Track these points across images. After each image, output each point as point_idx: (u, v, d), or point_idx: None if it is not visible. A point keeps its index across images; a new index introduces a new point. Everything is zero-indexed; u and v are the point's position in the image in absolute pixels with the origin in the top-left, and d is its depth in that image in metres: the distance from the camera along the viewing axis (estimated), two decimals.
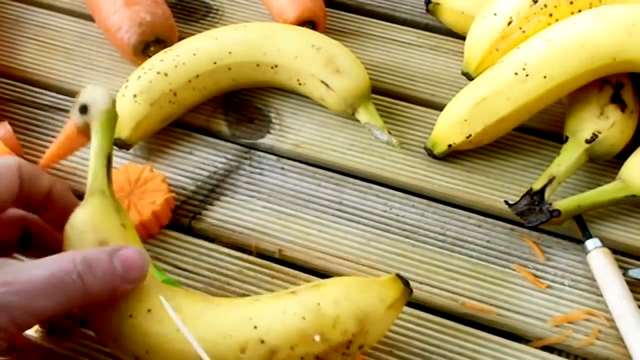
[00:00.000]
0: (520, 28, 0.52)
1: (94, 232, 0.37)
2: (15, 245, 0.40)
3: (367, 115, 0.54)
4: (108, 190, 0.39)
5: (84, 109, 0.41)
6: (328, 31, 0.62)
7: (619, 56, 0.48)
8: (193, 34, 0.57)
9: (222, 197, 0.52)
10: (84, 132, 0.42)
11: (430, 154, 0.54)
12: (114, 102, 0.41)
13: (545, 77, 0.49)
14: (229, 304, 0.39)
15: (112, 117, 0.41)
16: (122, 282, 0.35)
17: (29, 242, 0.40)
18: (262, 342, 0.36)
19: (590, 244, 0.48)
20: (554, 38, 0.49)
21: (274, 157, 0.55)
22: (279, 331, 0.36)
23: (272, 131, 0.56)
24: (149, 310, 0.36)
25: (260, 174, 0.54)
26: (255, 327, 0.37)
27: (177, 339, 0.36)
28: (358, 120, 0.55)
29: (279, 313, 0.37)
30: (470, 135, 0.52)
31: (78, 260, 0.33)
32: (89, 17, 0.63)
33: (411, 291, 0.41)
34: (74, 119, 0.41)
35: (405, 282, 0.40)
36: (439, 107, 0.55)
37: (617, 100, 0.51)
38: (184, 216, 0.51)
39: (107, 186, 0.39)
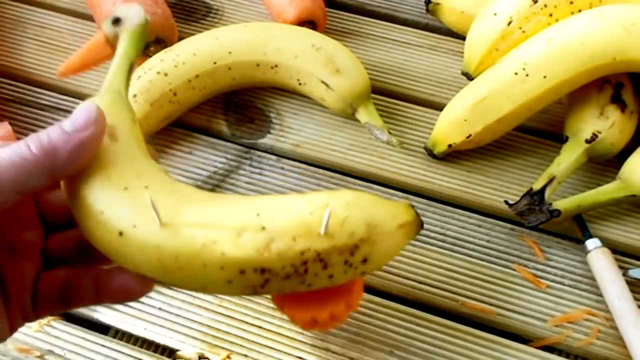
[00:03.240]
0: (520, 28, 0.52)
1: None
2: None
3: (367, 115, 0.54)
4: (124, 92, 0.38)
5: (116, 21, 0.40)
6: (328, 31, 0.62)
7: (618, 56, 0.48)
8: (193, 34, 0.57)
9: None
10: (112, 44, 0.41)
11: (430, 154, 0.54)
12: (147, 20, 0.40)
13: (545, 76, 0.49)
14: (233, 197, 0.37)
15: (143, 31, 0.40)
16: (74, 131, 0.33)
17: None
18: (263, 228, 0.33)
19: (590, 244, 0.48)
20: (554, 38, 0.50)
21: (274, 157, 0.55)
22: (283, 220, 0.34)
23: (272, 131, 0.56)
24: (146, 187, 0.34)
25: (260, 174, 0.54)
26: (258, 215, 0.34)
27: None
28: (358, 120, 0.55)
29: (286, 207, 0.34)
30: (470, 135, 0.52)
31: (29, 136, 0.33)
32: (89, 17, 0.63)
33: (422, 223, 0.38)
34: (105, 28, 0.40)
35: (417, 213, 0.38)
36: (439, 107, 0.55)
37: (617, 100, 0.51)
38: None
39: (124, 88, 0.38)
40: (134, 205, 0.34)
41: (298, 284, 0.34)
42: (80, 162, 0.33)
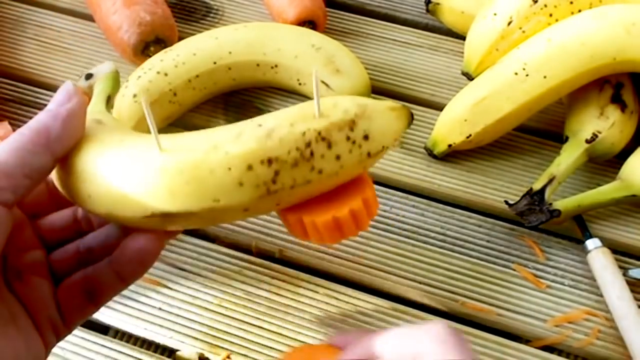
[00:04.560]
0: (520, 28, 0.52)
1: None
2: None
3: None
4: (108, 112, 0.39)
5: (89, 76, 0.41)
6: (328, 31, 0.62)
7: (618, 56, 0.48)
8: (193, 34, 0.57)
9: None
10: (87, 95, 0.41)
11: (430, 154, 0.54)
12: (117, 71, 0.41)
13: (545, 76, 0.49)
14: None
15: (115, 76, 0.41)
16: (59, 107, 0.34)
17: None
18: (260, 125, 0.33)
19: (590, 244, 0.48)
20: (554, 38, 0.50)
21: None
22: (277, 116, 0.34)
23: None
24: (139, 136, 0.35)
25: None
26: (252, 121, 0.34)
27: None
28: None
29: (277, 112, 0.35)
30: (470, 135, 0.52)
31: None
32: (89, 17, 0.63)
33: (412, 115, 0.38)
34: (79, 84, 0.41)
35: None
36: (439, 107, 0.55)
37: (617, 100, 0.51)
38: None
39: (105, 109, 0.39)
40: (130, 149, 0.33)
41: (308, 171, 0.33)
42: (74, 133, 0.34)
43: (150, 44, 0.57)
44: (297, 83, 0.55)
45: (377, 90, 0.58)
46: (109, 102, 0.40)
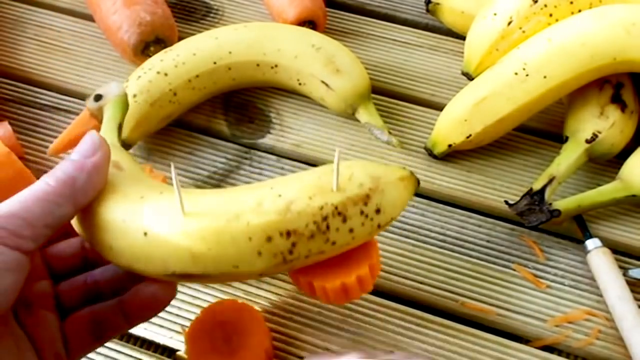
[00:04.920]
0: (520, 28, 0.52)
1: None
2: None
3: (367, 115, 0.54)
4: (118, 144, 0.40)
5: (98, 97, 0.44)
6: (328, 31, 0.62)
7: (619, 56, 0.48)
8: (193, 34, 0.57)
9: None
10: (96, 117, 0.44)
11: (430, 154, 0.54)
12: (126, 93, 0.44)
13: (545, 77, 0.49)
14: (242, 186, 0.39)
15: (124, 100, 0.44)
16: (82, 158, 0.35)
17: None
18: (280, 195, 0.35)
19: (590, 244, 0.48)
20: (554, 38, 0.49)
21: (274, 157, 0.55)
22: (296, 187, 0.36)
23: (272, 131, 0.56)
24: (161, 193, 0.36)
25: (260, 174, 0.54)
26: (272, 188, 0.36)
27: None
28: (358, 120, 0.55)
29: (295, 179, 0.37)
30: (470, 135, 0.52)
31: (43, 175, 0.35)
32: (89, 17, 0.63)
33: (418, 181, 0.40)
34: (88, 105, 0.44)
35: (411, 172, 0.40)
36: (439, 107, 0.55)
37: (617, 100, 0.51)
38: None
39: (117, 141, 0.41)
40: (152, 208, 0.35)
41: (323, 243, 0.36)
42: (98, 186, 0.35)
43: (150, 44, 0.57)
44: (297, 83, 0.55)
45: (377, 90, 0.58)
46: (120, 129, 0.42)
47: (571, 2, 0.52)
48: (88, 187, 0.35)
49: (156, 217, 0.35)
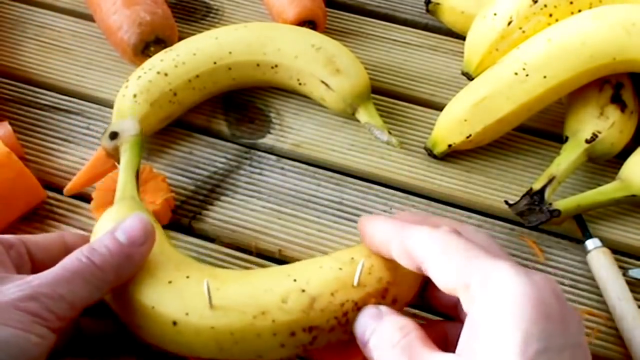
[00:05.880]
0: (520, 28, 0.52)
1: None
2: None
3: (367, 115, 0.54)
4: (137, 197, 0.42)
5: (114, 135, 0.45)
6: (328, 31, 0.62)
7: (618, 56, 0.48)
8: (193, 34, 0.57)
9: (222, 197, 0.52)
10: (113, 156, 0.45)
11: (430, 154, 0.54)
12: (142, 130, 0.45)
13: (545, 76, 0.49)
14: (263, 270, 0.40)
15: (140, 140, 0.45)
16: (130, 247, 0.36)
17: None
18: (303, 291, 0.37)
19: (590, 244, 0.48)
20: (554, 38, 0.50)
21: (274, 157, 0.55)
22: (318, 281, 0.37)
23: (272, 131, 0.56)
24: (187, 277, 0.38)
25: (260, 174, 0.54)
26: (295, 280, 0.37)
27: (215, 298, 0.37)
28: (358, 120, 0.55)
29: (316, 268, 0.38)
30: (470, 135, 0.52)
31: (84, 249, 0.36)
32: (89, 17, 0.63)
33: None
34: (103, 143, 0.45)
35: None
36: (439, 107, 0.55)
37: (617, 100, 0.51)
38: (184, 216, 0.51)
39: (136, 193, 0.42)
40: (180, 296, 0.37)
41: (341, 334, 0.38)
42: (137, 270, 0.37)
43: (150, 44, 0.57)
44: (297, 83, 0.55)
45: (377, 90, 0.58)
46: (138, 176, 0.44)
47: (571, 2, 0.52)
48: (130, 273, 0.37)
49: (184, 308, 0.36)
